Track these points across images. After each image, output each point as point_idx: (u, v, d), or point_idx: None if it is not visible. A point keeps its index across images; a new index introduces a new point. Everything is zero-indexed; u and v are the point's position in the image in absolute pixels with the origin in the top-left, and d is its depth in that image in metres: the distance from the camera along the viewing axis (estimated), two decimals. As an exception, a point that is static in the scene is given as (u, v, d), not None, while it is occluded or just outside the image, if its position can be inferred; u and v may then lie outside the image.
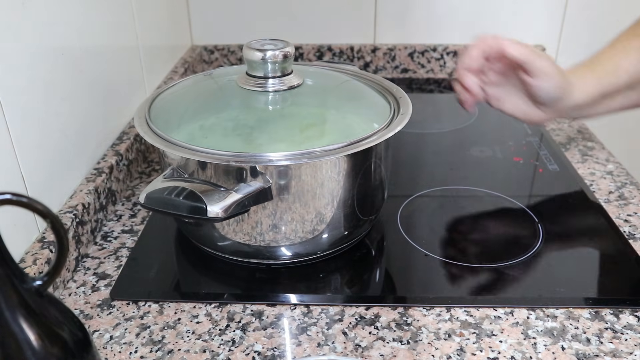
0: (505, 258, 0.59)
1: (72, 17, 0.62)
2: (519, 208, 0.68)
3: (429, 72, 1.13)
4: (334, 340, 0.50)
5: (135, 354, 0.48)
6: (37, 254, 0.52)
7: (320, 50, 1.11)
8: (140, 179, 0.75)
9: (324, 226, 0.56)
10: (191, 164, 0.52)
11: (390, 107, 0.60)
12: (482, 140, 0.86)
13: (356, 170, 0.55)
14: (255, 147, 0.52)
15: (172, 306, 0.54)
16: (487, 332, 0.50)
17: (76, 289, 0.56)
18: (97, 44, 0.69)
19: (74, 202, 0.60)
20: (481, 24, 1.09)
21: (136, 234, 0.64)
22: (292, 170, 0.52)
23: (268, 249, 0.56)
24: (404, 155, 0.82)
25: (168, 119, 0.57)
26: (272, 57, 0.57)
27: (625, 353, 0.48)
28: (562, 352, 0.48)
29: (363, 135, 0.53)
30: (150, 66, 0.87)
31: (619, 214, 0.67)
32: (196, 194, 0.49)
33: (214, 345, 0.49)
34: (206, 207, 0.48)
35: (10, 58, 0.51)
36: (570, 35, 1.11)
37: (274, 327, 0.51)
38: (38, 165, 0.55)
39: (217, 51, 1.13)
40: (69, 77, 0.62)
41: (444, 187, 0.73)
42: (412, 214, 0.67)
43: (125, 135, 0.75)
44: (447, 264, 0.59)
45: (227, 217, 0.49)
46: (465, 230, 0.65)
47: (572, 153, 0.81)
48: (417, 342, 0.49)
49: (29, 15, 0.54)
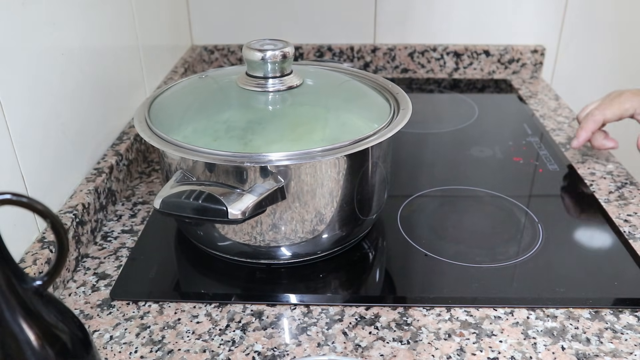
0: (505, 258, 0.59)
1: (72, 17, 0.62)
2: (519, 208, 0.68)
3: (429, 72, 1.13)
4: (334, 340, 0.50)
5: (135, 354, 0.48)
6: (37, 254, 0.52)
7: (320, 50, 1.11)
8: (140, 179, 0.75)
9: (324, 226, 0.56)
10: (199, 165, 0.52)
11: (390, 107, 0.60)
12: (482, 140, 0.86)
13: (356, 170, 0.55)
14: (254, 147, 0.52)
15: (172, 306, 0.54)
16: (487, 332, 0.50)
17: (76, 289, 0.56)
18: (97, 44, 0.69)
19: (74, 202, 0.60)
20: (481, 24, 1.10)
21: (136, 234, 0.64)
22: (292, 170, 0.52)
23: (268, 249, 0.56)
24: (404, 155, 0.82)
25: (168, 119, 0.57)
26: (272, 57, 0.57)
27: (625, 353, 0.48)
28: (562, 352, 0.48)
29: (363, 135, 0.53)
30: (150, 66, 0.87)
31: (619, 214, 0.67)
32: (215, 196, 0.49)
33: (214, 345, 0.49)
34: (227, 209, 0.48)
35: (10, 58, 0.51)
36: (570, 35, 1.11)
37: (274, 327, 0.51)
38: (38, 165, 0.55)
39: (217, 51, 1.13)
40: (69, 77, 0.62)
41: (444, 187, 0.73)
42: (412, 214, 0.67)
43: (125, 135, 0.75)
44: (447, 264, 0.59)
45: (247, 218, 0.49)
46: (465, 230, 0.65)
47: (572, 153, 0.81)
48: (417, 342, 0.49)
49: (29, 16, 0.54)
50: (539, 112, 0.96)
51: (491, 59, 1.11)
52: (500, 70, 1.13)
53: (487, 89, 1.08)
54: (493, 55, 1.11)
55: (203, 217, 0.49)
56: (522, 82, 1.10)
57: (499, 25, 1.10)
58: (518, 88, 1.07)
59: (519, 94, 1.05)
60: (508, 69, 1.12)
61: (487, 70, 1.13)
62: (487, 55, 1.11)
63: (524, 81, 1.11)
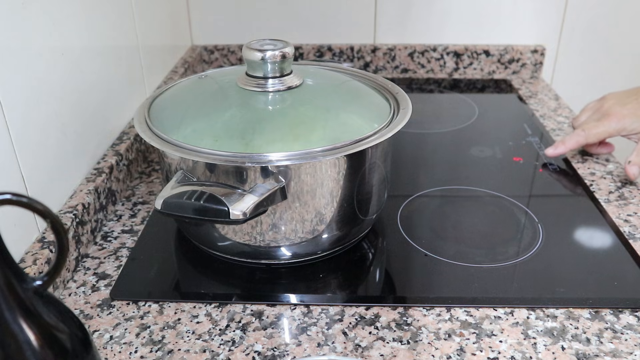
0: (505, 258, 0.59)
1: (72, 17, 0.62)
2: (519, 208, 0.68)
3: (429, 72, 1.13)
4: (334, 340, 0.50)
5: (135, 354, 0.48)
6: (37, 254, 0.52)
7: (320, 50, 1.11)
8: (140, 179, 0.75)
9: (324, 226, 0.56)
10: (199, 166, 0.52)
11: (390, 106, 0.60)
12: (482, 140, 0.86)
13: (356, 170, 0.55)
14: (254, 147, 0.52)
15: (172, 306, 0.54)
16: (487, 332, 0.50)
17: (76, 289, 0.56)
18: (97, 44, 0.69)
19: (74, 202, 0.60)
20: (481, 24, 1.10)
21: (136, 234, 0.64)
22: (293, 170, 0.52)
23: (268, 249, 0.56)
24: (404, 155, 0.82)
25: (168, 120, 0.57)
26: (272, 57, 0.57)
27: (625, 353, 0.48)
28: (562, 352, 0.48)
29: (363, 135, 0.53)
30: (150, 66, 0.87)
31: (619, 214, 0.67)
32: (216, 197, 0.49)
33: (214, 345, 0.49)
34: (228, 209, 0.48)
35: (10, 58, 0.51)
36: (570, 35, 1.11)
37: (274, 327, 0.51)
38: (38, 165, 0.55)
39: (217, 51, 1.13)
40: (69, 77, 0.62)
41: (444, 187, 0.73)
42: (412, 214, 0.67)
43: (125, 135, 0.75)
44: (447, 264, 0.59)
45: (248, 219, 0.49)
46: (464, 230, 0.65)
47: (572, 153, 0.81)
48: (417, 342, 0.49)
49: (29, 16, 0.54)
50: (539, 112, 0.96)
51: (491, 59, 1.11)
52: (500, 70, 1.13)
53: (487, 89, 1.08)
54: (493, 55, 1.11)
55: (204, 217, 0.49)
56: (522, 82, 1.10)
57: (499, 25, 1.10)
58: (518, 88, 1.07)
59: (519, 94, 1.05)
60: (508, 69, 1.12)
61: (487, 70, 1.13)
62: (487, 55, 1.11)
63: (524, 81, 1.11)
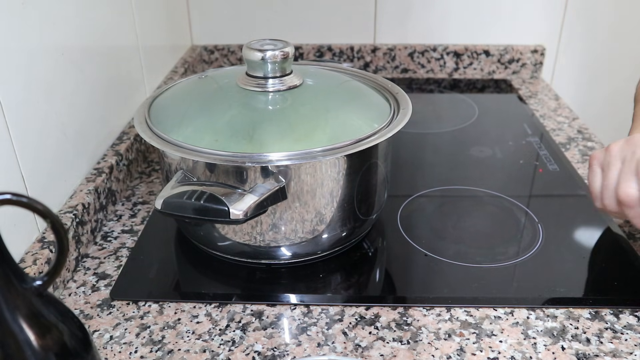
0: (505, 258, 0.59)
1: (72, 17, 0.62)
2: (519, 208, 0.68)
3: (429, 72, 1.13)
4: (334, 340, 0.50)
5: (135, 354, 0.48)
6: (37, 254, 0.52)
7: (320, 50, 1.11)
8: (140, 179, 0.75)
9: (324, 226, 0.56)
10: (199, 165, 0.52)
11: (390, 106, 0.60)
12: (482, 140, 0.86)
13: (356, 170, 0.55)
14: (254, 147, 0.52)
15: (172, 306, 0.54)
16: (487, 332, 0.50)
17: (76, 289, 0.56)
18: (97, 44, 0.69)
19: (74, 202, 0.60)
20: (481, 24, 1.10)
21: (136, 234, 0.64)
22: (293, 170, 0.52)
23: (268, 249, 0.56)
24: (404, 155, 0.82)
25: (168, 119, 0.57)
26: (272, 57, 0.57)
27: (625, 353, 0.48)
28: (562, 352, 0.48)
29: (363, 135, 0.53)
30: (150, 66, 0.87)
31: (619, 214, 0.67)
32: (217, 196, 0.49)
33: (214, 345, 0.49)
34: (228, 209, 0.48)
35: (10, 58, 0.51)
36: (570, 35, 1.11)
37: (274, 327, 0.51)
38: (38, 165, 0.55)
39: (217, 51, 1.13)
40: (69, 77, 0.62)
41: (444, 187, 0.73)
42: (412, 214, 0.67)
43: (125, 135, 0.75)
44: (447, 264, 0.59)
45: (249, 219, 0.49)
46: (465, 230, 0.65)
47: (572, 153, 0.81)
48: (417, 342, 0.49)
49: (29, 15, 0.54)
50: (539, 112, 0.96)
51: (491, 59, 1.11)
52: (500, 70, 1.13)
53: (487, 89, 1.08)
54: (493, 55, 1.11)
55: (205, 217, 0.49)
56: (522, 82, 1.10)
57: (499, 25, 1.10)
58: (518, 88, 1.07)
59: (519, 94, 1.05)
60: (508, 69, 1.12)
61: (487, 70, 1.13)
62: (487, 55, 1.11)
63: (524, 81, 1.11)
